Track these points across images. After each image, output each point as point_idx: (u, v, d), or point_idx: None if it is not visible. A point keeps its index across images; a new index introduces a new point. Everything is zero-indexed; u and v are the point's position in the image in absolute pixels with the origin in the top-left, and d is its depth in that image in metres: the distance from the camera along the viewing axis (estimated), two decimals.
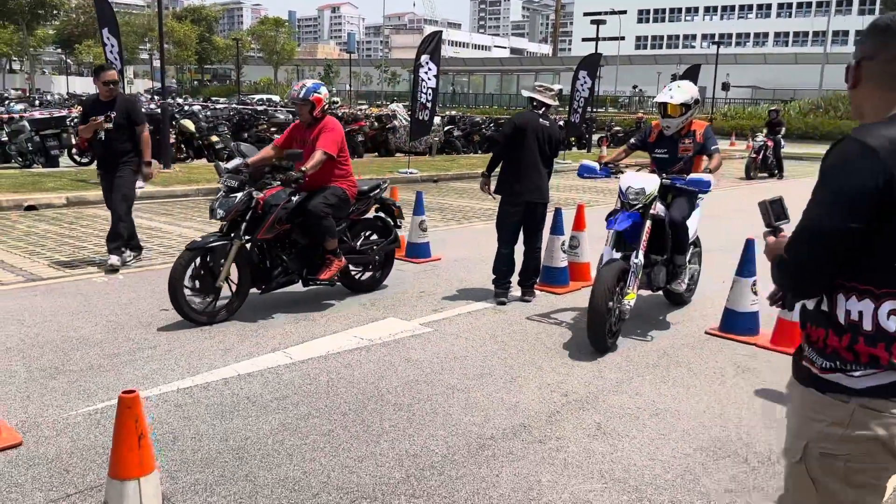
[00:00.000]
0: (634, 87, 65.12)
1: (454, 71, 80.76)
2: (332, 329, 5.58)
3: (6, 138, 15.51)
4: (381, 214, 6.79)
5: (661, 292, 6.26)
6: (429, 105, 15.69)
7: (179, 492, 3.20)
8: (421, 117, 15.84)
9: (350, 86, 73.13)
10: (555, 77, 65.35)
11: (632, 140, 6.17)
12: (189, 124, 17.74)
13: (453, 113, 30.63)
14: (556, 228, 6.97)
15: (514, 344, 5.39)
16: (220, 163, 6.03)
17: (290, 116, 19.29)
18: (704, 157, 5.84)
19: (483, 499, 3.27)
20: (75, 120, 17.10)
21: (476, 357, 5.10)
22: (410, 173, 16.27)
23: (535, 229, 6.38)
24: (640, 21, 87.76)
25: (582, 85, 20.60)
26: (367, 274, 6.79)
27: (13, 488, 3.18)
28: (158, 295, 6.16)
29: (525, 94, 6.52)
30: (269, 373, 4.64)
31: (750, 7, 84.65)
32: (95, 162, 7.67)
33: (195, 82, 78.18)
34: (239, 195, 5.51)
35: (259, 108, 24.42)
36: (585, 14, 74.29)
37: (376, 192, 6.64)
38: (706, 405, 4.42)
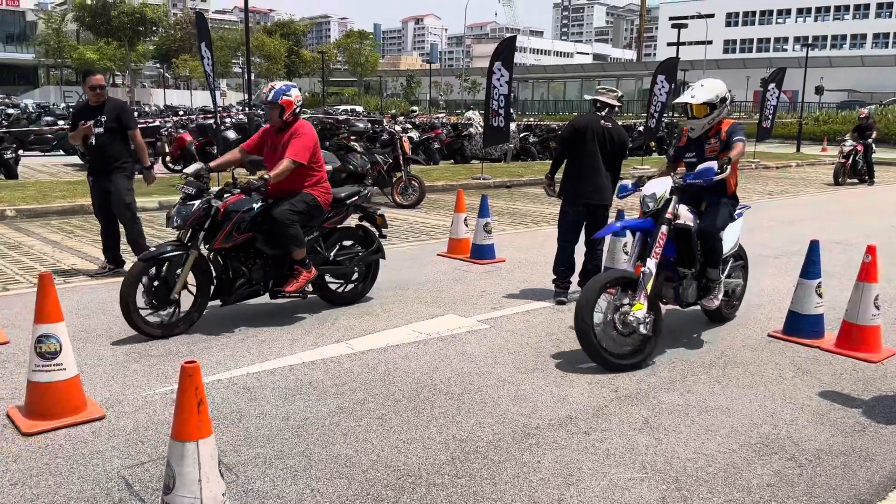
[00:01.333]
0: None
1: (534, 78, 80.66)
2: (393, 324, 5.80)
3: None
4: (365, 223, 6.47)
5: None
6: (501, 111, 15.82)
7: (241, 463, 3.48)
8: (495, 124, 15.99)
9: (430, 95, 74.11)
10: (637, 82, 64.44)
11: (670, 151, 5.97)
12: None
13: (531, 121, 30.67)
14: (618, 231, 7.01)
15: (568, 342, 5.46)
16: (185, 170, 5.68)
17: (370, 125, 19.80)
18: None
19: (524, 481, 3.40)
20: (168, 129, 18.17)
21: (529, 353, 5.22)
22: (484, 179, 16.46)
23: (595, 231, 6.39)
24: (728, 25, 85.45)
25: (660, 89, 20.30)
26: (350, 286, 6.38)
27: (95, 455, 3.53)
28: None
29: (588, 97, 6.56)
30: (331, 361, 4.91)
31: (846, 8, 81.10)
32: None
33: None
34: (196, 203, 5.27)
35: (340, 117, 25.17)
36: (671, 18, 72.77)
37: (354, 199, 6.26)
38: (759, 404, 4.40)
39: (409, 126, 21.61)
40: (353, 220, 6.52)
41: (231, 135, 16.99)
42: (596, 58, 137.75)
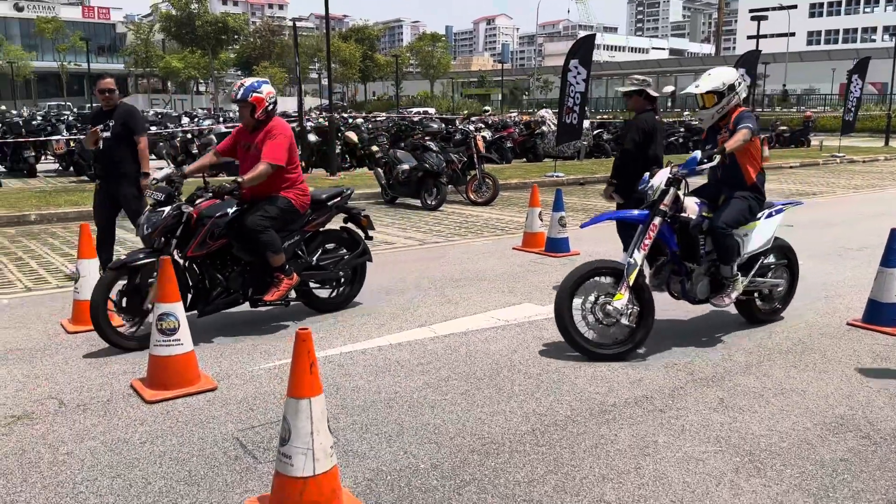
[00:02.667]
0: (783, 85, 61.14)
1: (608, 75, 79.61)
2: (472, 311, 6.07)
3: (197, 151, 17.48)
4: (349, 225, 6.19)
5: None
6: (576, 109, 15.86)
7: (340, 429, 3.81)
8: (568, 121, 16.07)
9: (501, 95, 74.20)
10: None
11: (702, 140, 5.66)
12: (353, 136, 19.07)
13: (605, 118, 30.45)
14: None
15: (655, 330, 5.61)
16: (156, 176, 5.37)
17: (444, 125, 20.14)
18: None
19: (601, 451, 3.61)
20: None
21: None
22: (556, 176, 16.56)
23: None
24: (812, 15, 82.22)
25: (739, 84, 19.93)
26: (336, 291, 6.12)
27: (210, 419, 3.94)
28: None
29: (630, 88, 6.15)
30: (415, 343, 5.22)
31: None
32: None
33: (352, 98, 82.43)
34: (167, 209, 5.06)
35: (415, 118, 25.66)
36: (751, 11, 70.48)
37: (337, 200, 5.96)
38: (835, 387, 4.46)
39: (482, 125, 21.87)
40: (337, 223, 6.28)
41: (312, 137, 17.65)
42: (672, 53, 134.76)
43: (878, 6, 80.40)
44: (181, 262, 5.20)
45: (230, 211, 5.23)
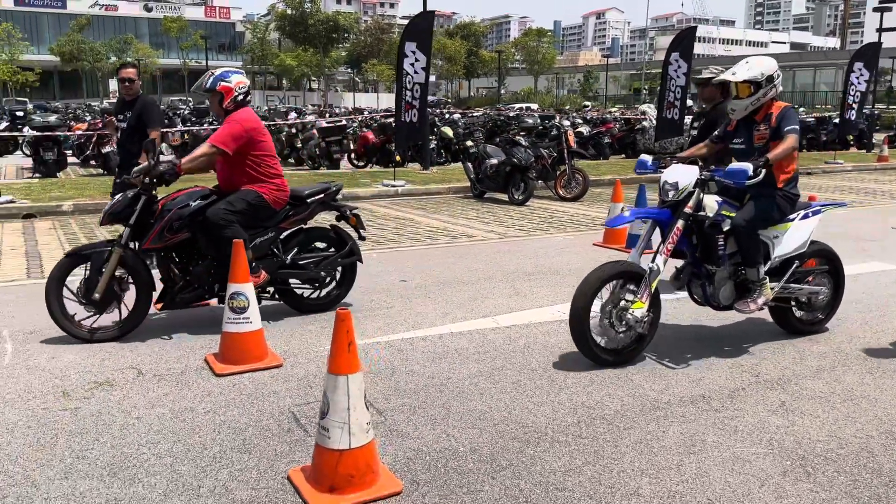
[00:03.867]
0: None
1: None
2: (539, 304, 6.07)
3: (300, 144, 18.18)
4: (338, 224, 5.94)
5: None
6: (677, 103, 15.43)
7: (390, 409, 3.95)
8: (669, 116, 15.65)
9: (606, 90, 72.86)
10: (838, 72, 59.15)
11: (716, 132, 5.20)
12: (448, 131, 19.32)
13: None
14: None
15: (712, 328, 5.48)
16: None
17: (539, 120, 20.05)
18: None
19: (645, 447, 3.58)
20: (354, 128, 19.51)
21: (670, 336, 5.28)
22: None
23: None
24: None
25: (858, 78, 18.81)
26: (322, 291, 5.82)
27: (271, 394, 4.17)
28: (398, 271, 7.20)
29: (707, 76, 5.84)
30: (476, 333, 5.29)
31: None
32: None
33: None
34: (117, 196, 5.09)
35: (511, 114, 25.65)
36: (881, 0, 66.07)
37: (319, 196, 5.64)
38: None
39: (580, 121, 21.62)
40: (326, 220, 6.15)
41: (372, 137, 17.99)
42: (793, 47, 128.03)
43: None
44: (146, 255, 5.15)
45: (193, 203, 5.06)
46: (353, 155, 18.37)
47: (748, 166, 4.32)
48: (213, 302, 5.58)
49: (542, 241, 9.07)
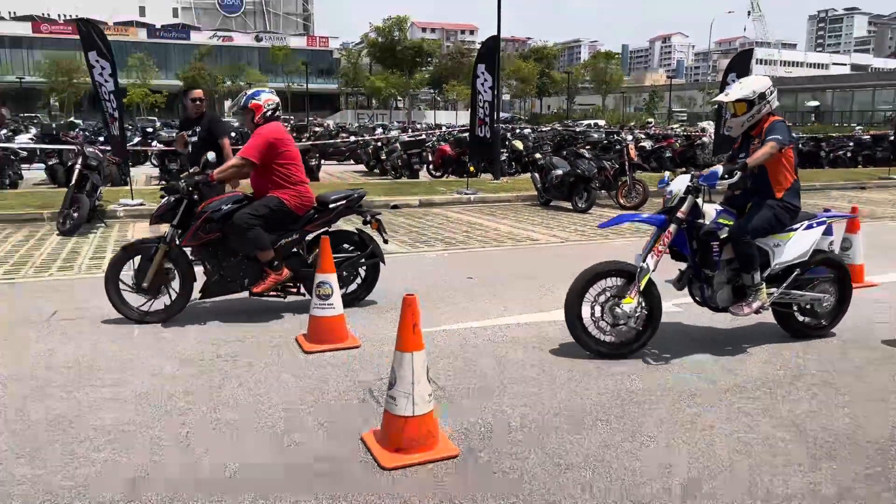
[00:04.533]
0: None
1: (787, 89, 73.64)
2: None
3: (384, 156, 18.58)
4: (365, 228, 5.90)
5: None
6: None
7: (451, 386, 4.10)
8: (724, 132, 15.23)
9: (669, 108, 71.15)
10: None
11: (729, 153, 5.10)
12: (519, 144, 19.35)
13: None
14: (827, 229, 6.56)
15: (749, 329, 5.36)
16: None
17: (604, 135, 19.84)
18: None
19: (667, 424, 3.62)
20: (432, 142, 19.78)
21: (710, 332, 5.25)
22: None
23: None
24: None
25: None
26: (348, 288, 5.76)
27: (350, 371, 4.37)
28: (466, 270, 7.34)
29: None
30: (533, 325, 5.35)
31: None
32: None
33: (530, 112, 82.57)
34: (167, 200, 5.28)
35: (578, 129, 25.44)
36: None
37: (341, 203, 5.61)
38: None
39: (643, 136, 21.25)
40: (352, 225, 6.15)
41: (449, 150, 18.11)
42: (854, 68, 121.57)
43: None
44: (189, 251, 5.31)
45: (224, 207, 5.17)
46: (431, 166, 18.62)
47: (719, 169, 4.34)
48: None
49: (602, 246, 9.00)
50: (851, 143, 22.51)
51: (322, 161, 19.17)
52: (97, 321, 5.31)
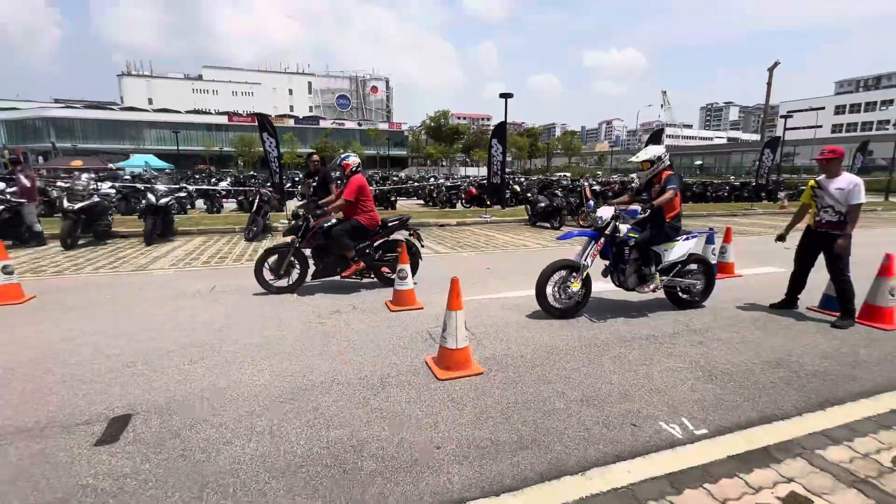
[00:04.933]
0: (811, 160, 49.96)
1: (679, 153, 71.30)
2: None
3: (435, 194, 18.61)
4: (410, 237, 5.71)
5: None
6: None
7: (478, 332, 4.07)
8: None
9: (611, 166, 69.54)
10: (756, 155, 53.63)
11: (635, 190, 4.88)
12: (517, 187, 19.06)
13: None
14: (710, 239, 6.25)
15: (655, 302, 5.15)
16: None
17: (570, 182, 19.52)
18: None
19: (618, 360, 3.55)
20: (465, 186, 19.72)
21: (635, 304, 5.05)
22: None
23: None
24: (837, 113, 67.29)
25: (767, 158, 17.18)
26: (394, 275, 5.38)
27: (414, 321, 4.36)
28: (485, 264, 7.20)
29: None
30: (527, 297, 5.06)
31: None
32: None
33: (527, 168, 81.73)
34: (295, 222, 5.33)
35: (553, 178, 25.06)
36: (788, 111, 59.51)
37: (395, 223, 5.54)
38: (781, 343, 3.90)
39: (594, 182, 20.87)
40: (402, 235, 5.84)
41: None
42: (729, 139, 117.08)
43: (893, 105, 63.58)
44: (300, 250, 5.24)
45: (326, 225, 5.22)
46: (463, 200, 18.59)
47: (638, 208, 4.44)
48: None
49: (563, 250, 8.90)
50: (727, 187, 21.74)
51: (398, 197, 19.32)
52: (251, 291, 5.31)
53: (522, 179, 24.11)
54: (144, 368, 3.36)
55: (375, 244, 5.51)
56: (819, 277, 4.84)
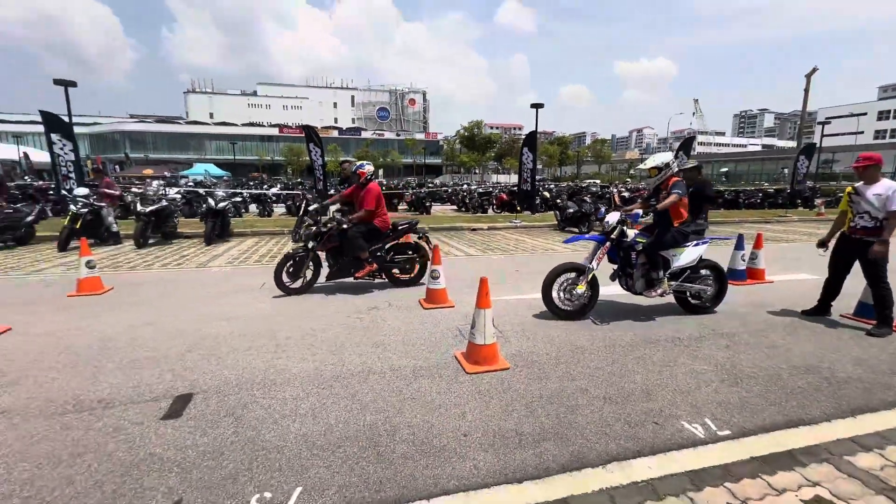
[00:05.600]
0: (848, 167, 46.39)
1: (710, 160, 68.18)
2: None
3: (468, 200, 18.63)
4: (419, 241, 5.66)
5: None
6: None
7: (505, 330, 4.08)
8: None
9: (641, 173, 67.33)
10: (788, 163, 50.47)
11: (647, 195, 4.74)
12: (546, 193, 18.84)
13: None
14: (739, 245, 6.05)
15: (664, 307, 5.01)
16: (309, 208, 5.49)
17: (599, 188, 19.09)
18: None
19: (643, 360, 3.49)
20: (497, 192, 19.65)
21: (661, 307, 4.91)
22: None
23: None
24: (880, 118, 62.29)
25: (802, 164, 16.22)
26: (408, 275, 5.58)
27: (445, 318, 4.39)
28: (514, 266, 7.14)
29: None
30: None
31: None
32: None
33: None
34: (313, 227, 5.28)
35: (582, 185, 24.57)
36: (826, 117, 55.16)
37: (405, 227, 5.50)
38: (813, 349, 3.69)
39: (623, 189, 20.33)
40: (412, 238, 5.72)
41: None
42: (764, 146, 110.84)
43: None
44: (316, 253, 5.22)
45: (343, 226, 5.24)
46: (495, 205, 18.54)
47: (640, 212, 4.31)
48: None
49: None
50: (760, 194, 20.64)
51: (432, 202, 19.49)
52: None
53: (552, 186, 23.79)
54: (204, 353, 3.58)
55: (387, 246, 5.49)
56: (853, 284, 4.56)
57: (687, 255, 4.51)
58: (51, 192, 13.23)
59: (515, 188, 17.81)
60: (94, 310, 4.68)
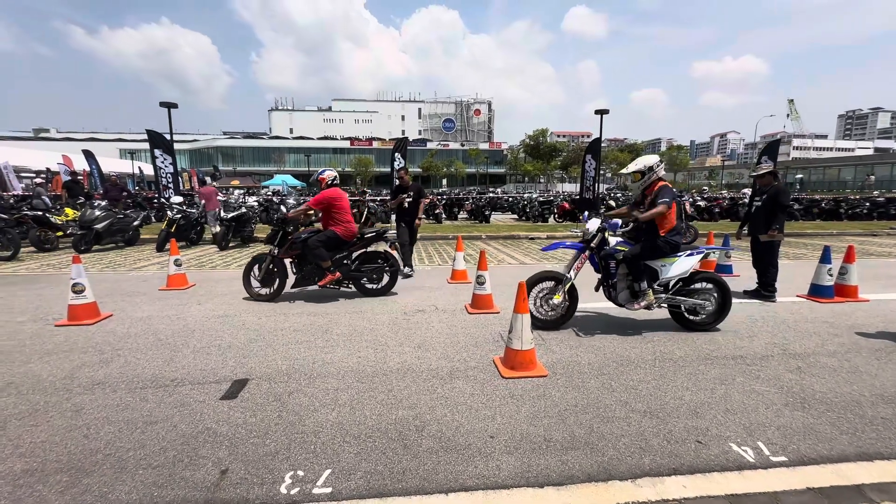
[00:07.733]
0: None
1: (807, 166, 60.68)
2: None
3: (528, 209, 18.41)
4: (389, 250, 5.52)
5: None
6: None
7: (548, 338, 4.01)
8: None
9: (721, 181, 61.85)
10: None
11: (633, 202, 4.37)
12: (612, 202, 18.01)
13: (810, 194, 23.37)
14: (826, 258, 5.46)
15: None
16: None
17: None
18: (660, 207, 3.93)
19: (693, 377, 3.27)
20: (558, 202, 19.22)
21: (727, 320, 4.59)
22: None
23: None
24: None
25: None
26: (375, 285, 5.40)
27: (482, 325, 4.35)
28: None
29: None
30: (596, 307, 4.92)
31: None
32: (395, 216, 6.89)
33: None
34: (272, 232, 5.24)
35: None
36: None
37: (372, 235, 5.30)
38: None
39: (699, 198, 18.87)
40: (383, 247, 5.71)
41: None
42: (877, 150, 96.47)
43: None
44: (279, 259, 5.16)
45: (303, 236, 5.13)
46: (556, 214, 18.12)
47: (619, 221, 4.07)
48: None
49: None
50: (868, 203, 18.04)
51: (492, 211, 19.49)
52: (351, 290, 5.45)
53: (619, 195, 22.69)
54: (263, 344, 3.93)
55: (353, 255, 5.34)
56: None
57: (678, 266, 4.14)
58: (154, 201, 15.30)
59: (577, 197, 17.26)
60: (179, 302, 5.33)
